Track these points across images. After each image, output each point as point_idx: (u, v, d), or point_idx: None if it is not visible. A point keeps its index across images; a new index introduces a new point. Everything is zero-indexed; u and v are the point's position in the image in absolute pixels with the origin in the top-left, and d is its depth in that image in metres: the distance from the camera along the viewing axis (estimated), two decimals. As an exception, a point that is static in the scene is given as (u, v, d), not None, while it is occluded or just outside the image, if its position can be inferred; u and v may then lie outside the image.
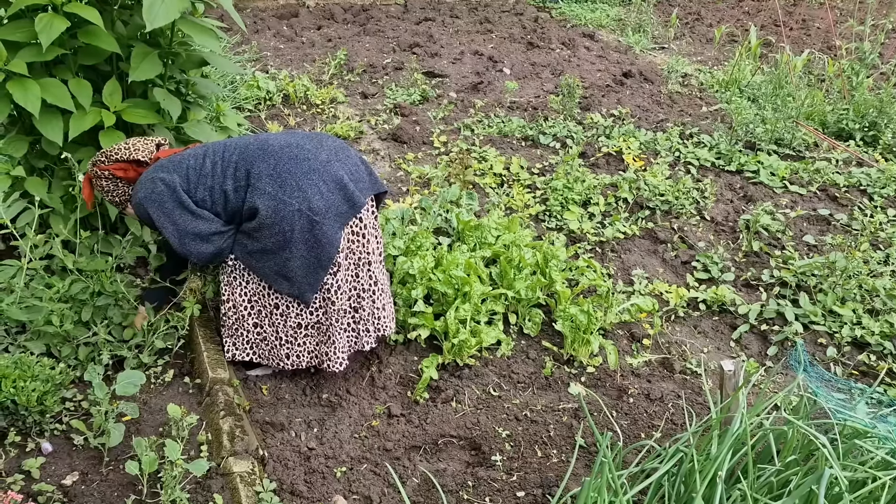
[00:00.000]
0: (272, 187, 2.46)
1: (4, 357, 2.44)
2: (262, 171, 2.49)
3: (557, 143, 5.18)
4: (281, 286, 2.57)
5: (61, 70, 2.85)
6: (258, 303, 2.68)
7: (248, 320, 2.71)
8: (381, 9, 8.93)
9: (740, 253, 3.98)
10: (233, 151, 2.56)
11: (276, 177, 2.47)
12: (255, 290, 2.66)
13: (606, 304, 3.30)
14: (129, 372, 2.48)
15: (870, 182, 4.76)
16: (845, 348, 3.26)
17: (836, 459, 1.91)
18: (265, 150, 2.53)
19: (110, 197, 2.66)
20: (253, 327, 2.72)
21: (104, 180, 2.63)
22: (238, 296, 2.68)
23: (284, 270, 2.53)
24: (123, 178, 2.62)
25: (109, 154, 2.61)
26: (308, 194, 2.47)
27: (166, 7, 2.56)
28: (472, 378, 2.94)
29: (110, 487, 2.28)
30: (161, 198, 2.49)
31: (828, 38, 8.54)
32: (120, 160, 2.60)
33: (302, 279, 2.54)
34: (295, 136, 2.63)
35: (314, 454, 2.54)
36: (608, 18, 9.14)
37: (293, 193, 2.46)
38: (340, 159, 2.60)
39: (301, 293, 2.57)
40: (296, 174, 2.48)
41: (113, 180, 2.62)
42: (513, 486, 2.49)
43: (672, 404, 2.89)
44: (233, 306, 2.70)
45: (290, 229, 2.46)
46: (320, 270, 2.55)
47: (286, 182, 2.47)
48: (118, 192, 2.65)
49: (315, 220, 2.47)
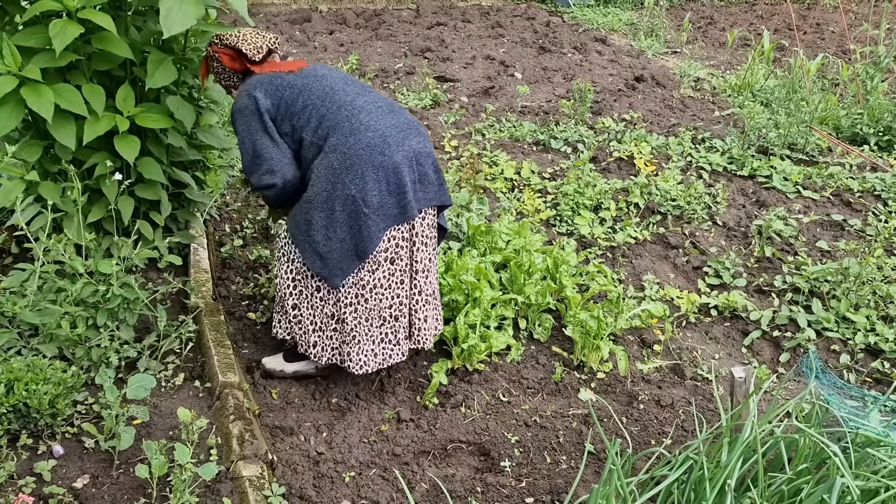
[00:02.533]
0: (339, 164, 2.47)
1: (17, 360, 2.46)
2: (337, 143, 2.49)
3: (568, 148, 5.17)
4: (314, 263, 2.55)
5: (75, 75, 2.88)
6: (301, 282, 2.69)
7: (288, 301, 2.73)
8: (393, 13, 8.96)
9: (752, 258, 3.95)
10: (324, 102, 2.57)
11: (347, 157, 2.47)
12: (298, 268, 2.68)
13: (617, 310, 3.29)
14: (140, 375, 2.50)
15: (884, 187, 4.72)
16: (859, 355, 3.23)
17: (848, 468, 1.89)
18: (351, 124, 2.52)
19: (218, 79, 2.76)
20: (292, 308, 2.74)
21: (215, 62, 2.71)
22: (284, 273, 2.71)
23: (321, 248, 2.52)
24: (230, 67, 2.69)
25: (222, 38, 2.69)
26: (367, 186, 2.47)
27: (183, 14, 2.57)
28: (481, 383, 2.93)
29: (120, 490, 2.30)
30: (250, 114, 2.55)
31: (842, 42, 8.48)
32: (228, 46, 2.66)
33: (336, 262, 2.53)
34: (385, 118, 2.58)
35: (323, 459, 2.55)
36: (620, 23, 9.12)
37: (354, 180, 2.46)
38: (414, 164, 2.58)
39: (331, 276, 2.55)
40: (365, 162, 2.47)
41: (221, 65, 2.70)
42: (522, 492, 2.48)
43: (683, 411, 2.87)
44: (280, 282, 2.74)
45: (339, 209, 2.48)
46: (356, 259, 2.54)
47: (353, 166, 2.47)
48: (225, 75, 2.73)
49: (364, 212, 2.48)
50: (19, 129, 3.05)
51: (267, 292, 3.38)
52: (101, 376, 2.47)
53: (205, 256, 3.52)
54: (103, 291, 2.72)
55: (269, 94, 2.56)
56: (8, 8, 2.84)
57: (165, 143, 3.17)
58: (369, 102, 2.60)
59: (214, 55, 2.69)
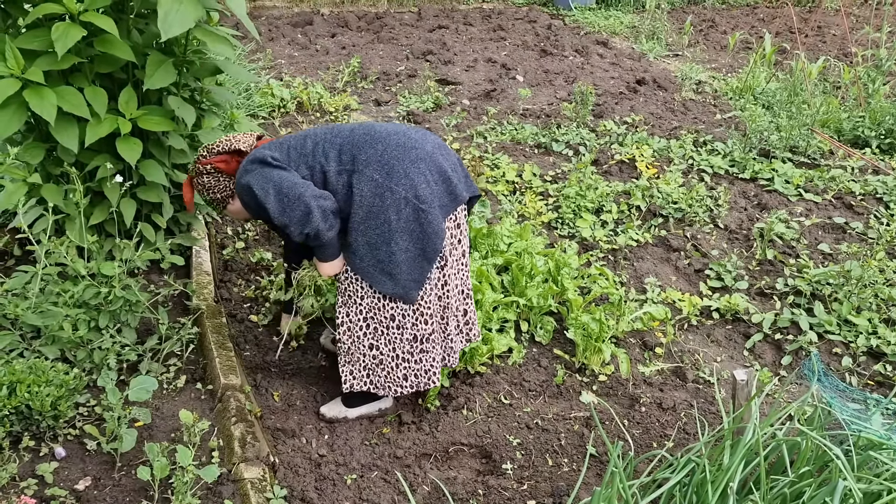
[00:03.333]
0: (380, 174, 2.38)
1: (19, 362, 2.46)
2: (370, 157, 2.41)
3: (570, 151, 5.18)
4: (384, 286, 2.44)
5: (77, 78, 2.88)
6: (374, 318, 2.54)
7: (363, 342, 2.58)
8: (395, 16, 8.98)
9: (754, 261, 3.95)
10: (337, 135, 2.50)
11: (384, 164, 2.39)
12: (370, 304, 2.53)
13: (619, 313, 3.29)
14: (141, 378, 2.50)
15: (886, 190, 4.72)
16: (861, 358, 3.22)
17: (850, 471, 1.89)
18: (372, 137, 2.47)
19: (211, 194, 2.65)
20: (369, 349, 2.59)
21: (205, 175, 2.61)
22: (354, 314, 2.55)
23: (389, 266, 2.42)
24: (225, 172, 2.61)
25: (211, 148, 2.61)
26: (415, 182, 2.39)
27: (181, 16, 2.58)
28: (483, 386, 2.93)
29: (122, 492, 2.30)
30: (262, 168, 2.42)
31: (843, 45, 8.48)
32: (222, 152, 2.59)
33: (406, 274, 2.43)
34: (399, 126, 2.57)
35: (325, 461, 2.55)
36: (622, 26, 9.13)
37: (400, 181, 2.38)
38: (443, 154, 2.54)
39: (406, 291, 2.45)
40: (403, 161, 2.41)
41: (215, 175, 2.61)
42: (523, 494, 2.48)
43: (684, 414, 2.87)
44: (348, 328, 2.58)
45: (395, 218, 2.38)
46: (425, 263, 2.45)
47: (394, 169, 2.39)
48: (219, 186, 2.63)
49: (422, 208, 2.39)
50: (22, 131, 3.06)
51: (269, 294, 3.38)
52: (102, 378, 2.47)
53: (206, 259, 3.52)
54: (105, 294, 2.72)
55: (274, 148, 2.49)
56: (10, 11, 2.85)
57: (167, 145, 3.18)
58: (382, 125, 2.56)
59: (204, 168, 2.60)
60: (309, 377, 2.96)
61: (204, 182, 2.63)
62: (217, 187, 2.63)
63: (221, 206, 2.69)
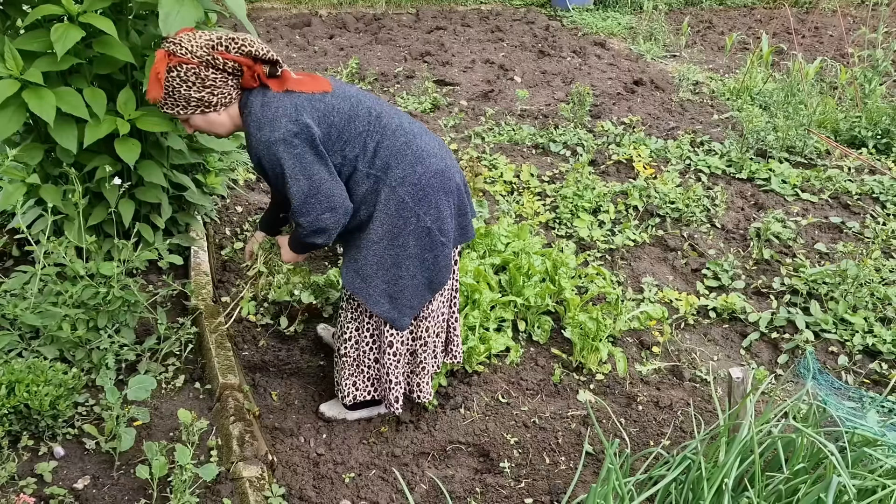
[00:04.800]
0: (411, 198, 2.26)
1: (18, 362, 2.47)
2: (406, 175, 2.25)
3: (568, 151, 5.19)
4: (381, 307, 2.35)
5: (76, 79, 2.89)
6: (380, 336, 2.51)
7: (369, 356, 2.55)
8: (392, 18, 8.99)
9: (751, 261, 3.96)
10: (376, 128, 2.26)
11: (419, 189, 2.26)
12: (378, 322, 2.48)
13: (616, 312, 3.30)
14: (140, 377, 2.51)
15: (882, 190, 4.74)
16: (857, 357, 3.24)
17: (844, 468, 1.90)
18: (413, 151, 2.27)
19: (199, 92, 2.12)
20: (374, 362, 2.57)
21: (213, 71, 2.11)
22: (363, 331, 2.51)
23: (392, 289, 2.34)
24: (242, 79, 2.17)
25: (234, 41, 2.11)
26: (443, 215, 2.31)
27: (182, 17, 2.59)
28: (480, 385, 2.94)
29: (121, 491, 2.31)
30: (303, 144, 2.14)
31: (840, 46, 8.50)
32: (247, 55, 2.12)
33: (406, 301, 2.36)
34: (434, 140, 2.39)
35: (323, 460, 2.56)
36: (619, 27, 9.15)
37: (429, 211, 2.28)
38: (466, 188, 2.45)
39: (400, 317, 2.37)
40: (438, 192, 2.29)
41: (223, 75, 2.13)
42: (521, 492, 2.49)
43: (681, 412, 2.88)
44: (355, 343, 2.54)
45: (414, 244, 2.29)
46: (427, 294, 2.39)
47: (427, 197, 2.27)
48: (222, 91, 2.15)
49: (442, 241, 2.32)
50: (20, 132, 3.06)
51: (266, 294, 3.38)
52: (101, 378, 2.48)
53: (205, 259, 3.53)
54: (104, 294, 2.73)
55: (318, 120, 2.17)
56: (10, 12, 2.86)
57: (165, 146, 3.19)
58: (412, 123, 2.38)
59: (219, 63, 2.11)
60: (307, 377, 2.97)
61: (204, 76, 2.11)
62: (216, 90, 2.14)
63: (195, 109, 2.16)
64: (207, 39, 2.11)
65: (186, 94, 2.12)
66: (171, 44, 2.10)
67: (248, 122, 2.18)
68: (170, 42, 2.11)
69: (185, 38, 2.11)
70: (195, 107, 2.15)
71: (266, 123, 2.13)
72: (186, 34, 2.14)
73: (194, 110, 2.16)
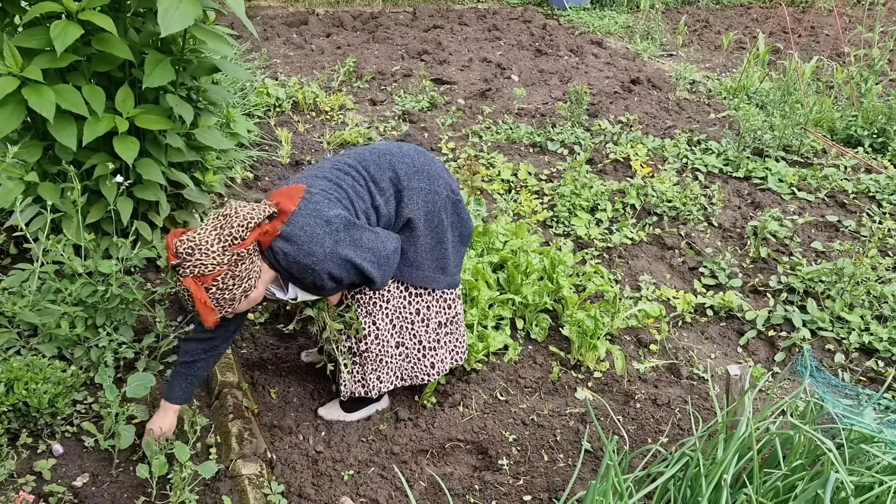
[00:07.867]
0: (425, 182, 2.39)
1: (17, 359, 2.47)
2: (408, 170, 2.38)
3: (565, 150, 5.20)
4: (439, 282, 2.52)
5: (75, 76, 2.89)
6: (399, 317, 2.56)
7: (390, 342, 2.58)
8: (390, 16, 8.99)
9: (748, 259, 3.98)
10: (361, 168, 2.35)
11: (421, 171, 2.40)
12: (396, 305, 2.53)
13: (614, 310, 3.31)
14: (139, 374, 2.51)
15: (878, 188, 4.76)
16: (853, 354, 3.25)
17: (842, 464, 1.91)
18: (392, 154, 2.41)
19: (238, 289, 2.10)
20: (395, 348, 2.60)
21: (242, 261, 2.09)
22: (381, 320, 2.52)
23: (443, 262, 2.50)
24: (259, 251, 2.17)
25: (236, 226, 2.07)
26: (445, 179, 2.46)
27: (181, 14, 2.59)
28: (479, 382, 2.95)
29: (120, 489, 2.31)
30: (348, 233, 2.18)
31: (836, 45, 8.53)
32: (256, 227, 2.10)
33: (454, 265, 2.56)
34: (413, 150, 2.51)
35: (322, 457, 2.56)
36: (616, 26, 9.16)
37: (437, 182, 2.43)
38: None
39: (454, 281, 2.58)
40: (431, 164, 2.45)
41: (249, 257, 2.11)
42: (519, 490, 2.49)
43: (679, 409, 2.89)
44: (375, 336, 2.53)
45: (445, 216, 2.46)
46: (462, 248, 2.59)
47: (429, 173, 2.42)
48: (253, 270, 2.13)
49: (458, 199, 2.50)
50: (19, 130, 3.06)
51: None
52: (100, 375, 2.48)
53: (203, 257, 3.53)
54: (102, 292, 2.73)
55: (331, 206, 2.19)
56: (8, 9, 2.86)
57: (164, 144, 3.19)
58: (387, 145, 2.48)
59: (239, 254, 2.07)
60: (306, 374, 2.97)
61: (237, 273, 2.09)
62: (251, 272, 2.12)
63: (241, 298, 2.14)
64: (219, 243, 2.06)
65: (231, 296, 2.10)
66: (191, 267, 2.03)
67: (291, 266, 2.15)
68: (188, 267, 2.03)
69: (200, 256, 2.04)
70: (241, 296, 2.13)
71: (310, 247, 2.12)
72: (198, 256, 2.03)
73: (240, 300, 2.14)
